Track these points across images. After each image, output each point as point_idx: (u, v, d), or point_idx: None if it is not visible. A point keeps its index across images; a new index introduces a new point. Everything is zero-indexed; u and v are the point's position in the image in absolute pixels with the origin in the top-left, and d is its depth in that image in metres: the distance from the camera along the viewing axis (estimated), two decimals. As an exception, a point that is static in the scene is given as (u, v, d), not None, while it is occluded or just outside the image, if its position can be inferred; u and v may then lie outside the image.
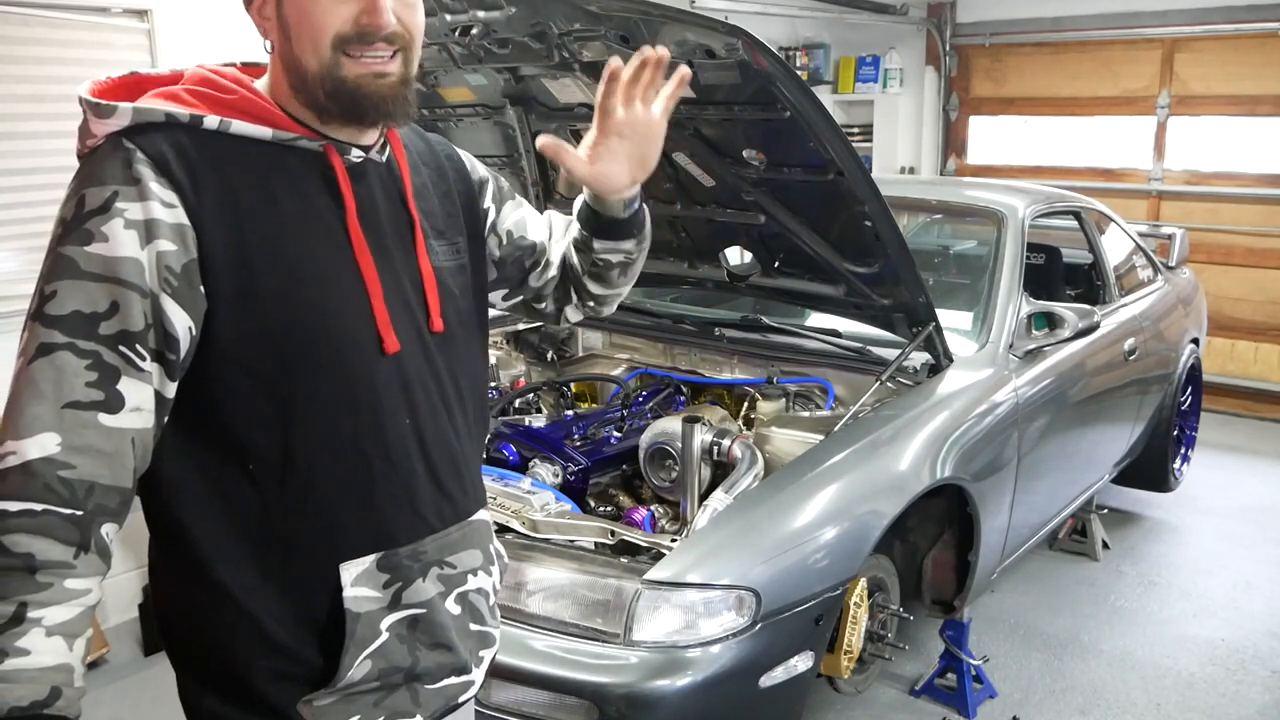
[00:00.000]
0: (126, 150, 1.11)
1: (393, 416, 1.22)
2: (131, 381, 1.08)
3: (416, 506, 1.25)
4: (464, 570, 1.32)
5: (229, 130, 1.14)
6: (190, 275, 1.10)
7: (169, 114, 1.12)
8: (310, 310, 1.16)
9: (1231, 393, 5.98)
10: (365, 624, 1.21)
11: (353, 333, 1.19)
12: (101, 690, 3.13)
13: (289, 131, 1.17)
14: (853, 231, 2.68)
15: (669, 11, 2.24)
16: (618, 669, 2.09)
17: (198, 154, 1.12)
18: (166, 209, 1.09)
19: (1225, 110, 5.97)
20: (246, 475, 1.16)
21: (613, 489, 2.77)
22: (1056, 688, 3.20)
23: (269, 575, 1.18)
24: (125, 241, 1.07)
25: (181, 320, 1.10)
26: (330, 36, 1.15)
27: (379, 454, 1.21)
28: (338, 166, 1.21)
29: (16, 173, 3.12)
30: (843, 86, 6.83)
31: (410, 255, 1.28)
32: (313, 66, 1.16)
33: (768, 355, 3.07)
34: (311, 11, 1.15)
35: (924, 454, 2.60)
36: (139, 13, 3.30)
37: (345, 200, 1.20)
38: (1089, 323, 3.07)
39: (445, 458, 1.29)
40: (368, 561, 1.21)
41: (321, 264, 1.18)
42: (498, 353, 3.45)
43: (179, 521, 1.17)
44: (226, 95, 1.16)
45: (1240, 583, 3.89)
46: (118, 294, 1.07)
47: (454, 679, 1.31)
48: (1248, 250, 5.96)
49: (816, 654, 2.34)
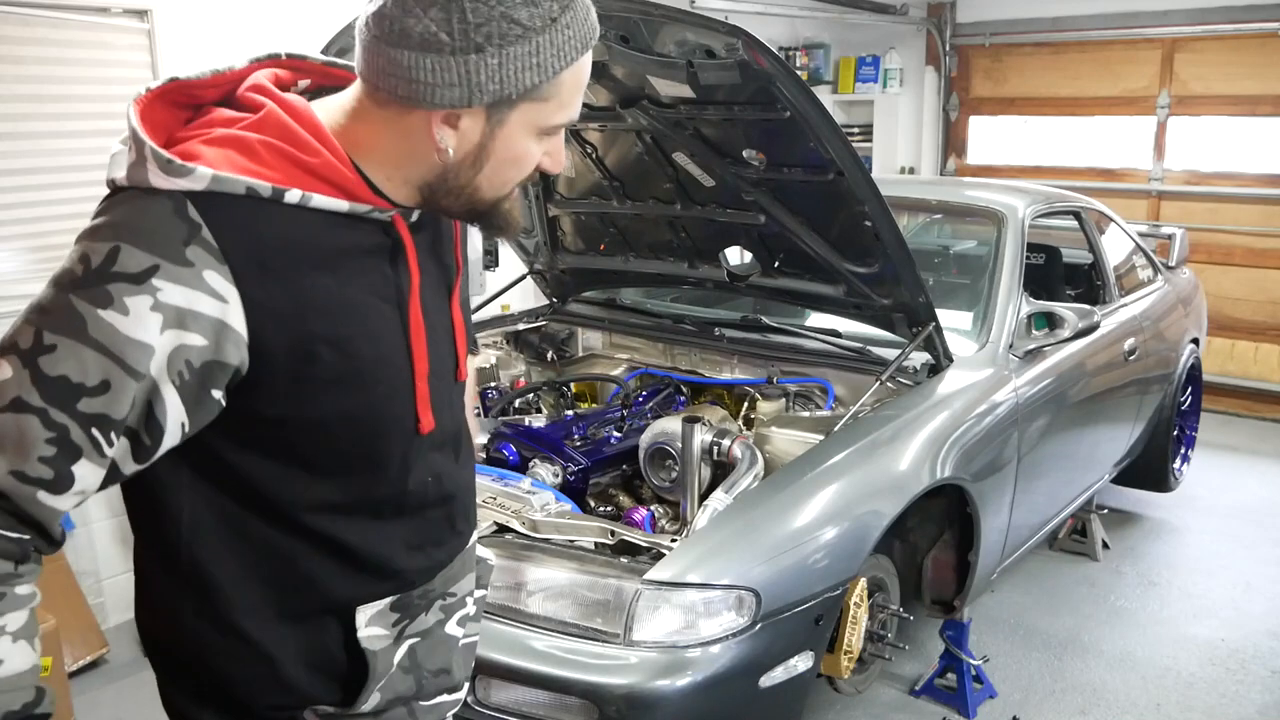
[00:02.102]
0: (191, 223, 0.99)
1: (419, 479, 1.22)
2: (88, 464, 1.01)
3: (431, 551, 1.27)
4: (462, 596, 1.35)
5: (308, 204, 1.05)
6: (207, 375, 1.03)
7: (251, 188, 1.02)
8: (358, 399, 1.13)
9: (1231, 393, 5.98)
10: (382, 660, 1.23)
11: (395, 419, 1.17)
12: (101, 690, 3.13)
13: (364, 205, 1.09)
14: (853, 231, 2.68)
15: (669, 11, 2.24)
16: (618, 669, 2.09)
17: (270, 234, 1.03)
18: (214, 302, 1.00)
19: (1225, 110, 5.97)
20: (271, 522, 1.15)
21: (613, 489, 2.77)
22: (1056, 688, 3.20)
23: (285, 617, 1.18)
24: (146, 324, 0.98)
25: (175, 414, 1.03)
26: (524, 179, 1.13)
27: (403, 511, 1.22)
28: (407, 241, 1.14)
29: (16, 173, 3.12)
30: (843, 86, 6.83)
31: (446, 303, 1.25)
32: (488, 196, 1.12)
33: (768, 355, 3.07)
34: (525, 161, 1.11)
35: (924, 454, 2.60)
36: (139, 13, 3.30)
37: (413, 277, 1.15)
38: (1089, 323, 3.07)
39: (459, 498, 1.30)
40: (383, 604, 1.22)
41: (378, 349, 1.13)
42: (498, 353, 3.45)
43: (197, 561, 1.14)
44: (310, 158, 1.06)
45: (1240, 583, 3.89)
46: (113, 374, 0.98)
47: (448, 696, 1.35)
48: (1248, 250, 5.96)
49: (816, 654, 2.34)
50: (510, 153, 1.09)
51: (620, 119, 2.76)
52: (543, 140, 1.11)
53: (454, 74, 1.01)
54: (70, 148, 3.19)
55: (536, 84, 1.04)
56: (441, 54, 1.00)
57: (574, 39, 1.05)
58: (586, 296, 3.70)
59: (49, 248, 3.19)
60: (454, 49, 1.00)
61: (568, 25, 1.04)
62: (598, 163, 3.08)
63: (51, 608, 2.97)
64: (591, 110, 2.81)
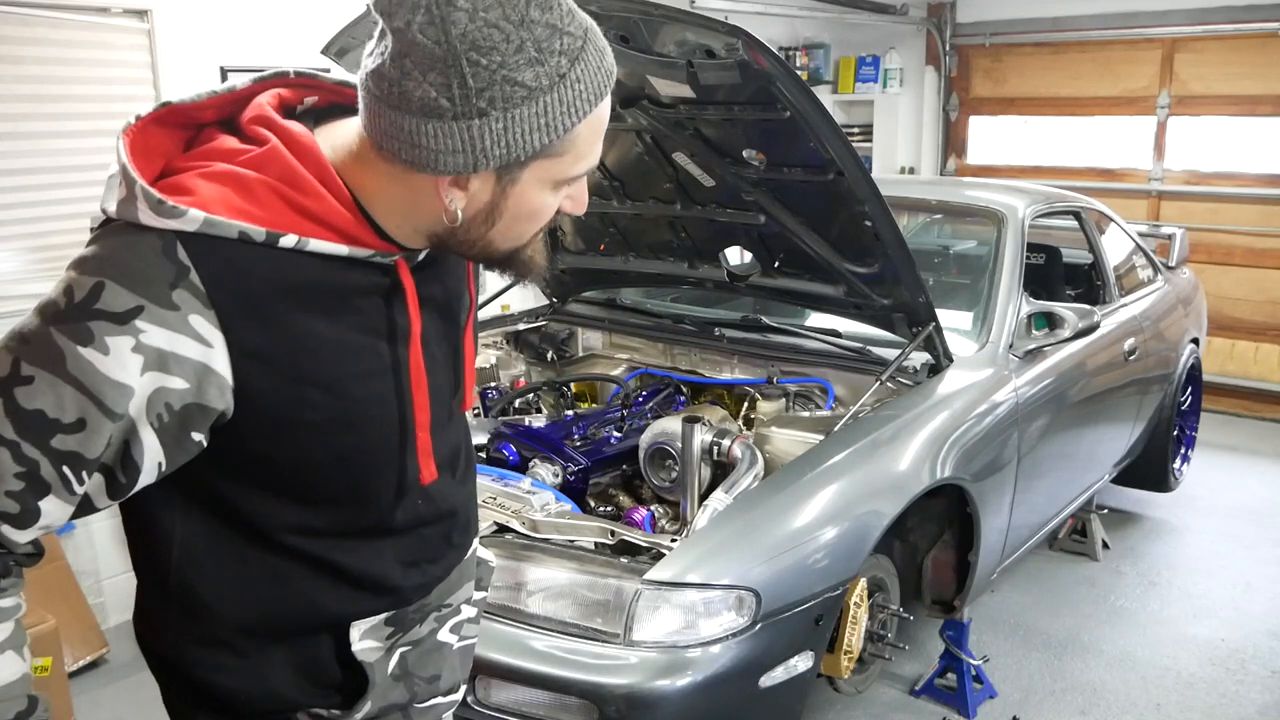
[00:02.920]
0: (179, 265, 0.96)
1: (417, 515, 1.21)
2: (55, 501, 0.99)
3: (427, 568, 1.26)
4: (458, 604, 1.34)
5: (305, 249, 1.01)
6: (187, 419, 1.00)
7: (244, 233, 0.98)
8: (350, 439, 1.09)
9: (1231, 393, 5.98)
10: (378, 671, 1.23)
11: (392, 470, 1.15)
12: (101, 690, 3.14)
13: (365, 249, 1.05)
14: (853, 231, 2.68)
15: (669, 11, 2.24)
16: (618, 669, 2.09)
17: (263, 278, 0.99)
18: (199, 346, 0.97)
19: (1225, 110, 5.97)
20: (263, 547, 1.13)
21: (613, 489, 2.77)
22: (1056, 688, 3.20)
23: (277, 634, 1.17)
24: (126, 365, 0.95)
25: (153, 455, 1.00)
26: (540, 228, 1.08)
27: (397, 532, 1.20)
28: (408, 285, 1.09)
29: (16, 173, 3.12)
30: (843, 86, 6.83)
31: (456, 333, 1.22)
32: (503, 248, 1.07)
33: (768, 355, 3.07)
34: (541, 214, 1.06)
35: (924, 454, 2.60)
36: (139, 13, 3.31)
37: (412, 323, 1.10)
38: (1089, 323, 3.07)
39: (457, 516, 1.29)
40: (377, 619, 1.22)
41: (371, 391, 1.09)
42: (498, 353, 3.45)
43: (187, 581, 1.13)
44: (311, 203, 1.01)
45: (1240, 583, 3.89)
46: (89, 413, 0.95)
47: (443, 699, 1.35)
48: (1248, 250, 5.96)
49: (816, 654, 2.34)
50: (525, 209, 1.05)
51: (620, 119, 2.76)
52: (560, 189, 1.06)
53: (457, 140, 0.96)
54: (70, 148, 3.19)
55: (547, 144, 0.98)
56: (444, 120, 0.95)
57: (586, 92, 0.98)
58: (586, 296, 3.70)
59: (49, 248, 3.19)
60: (456, 114, 0.94)
61: (578, 79, 0.97)
62: (598, 163, 3.07)
63: (51, 608, 2.96)
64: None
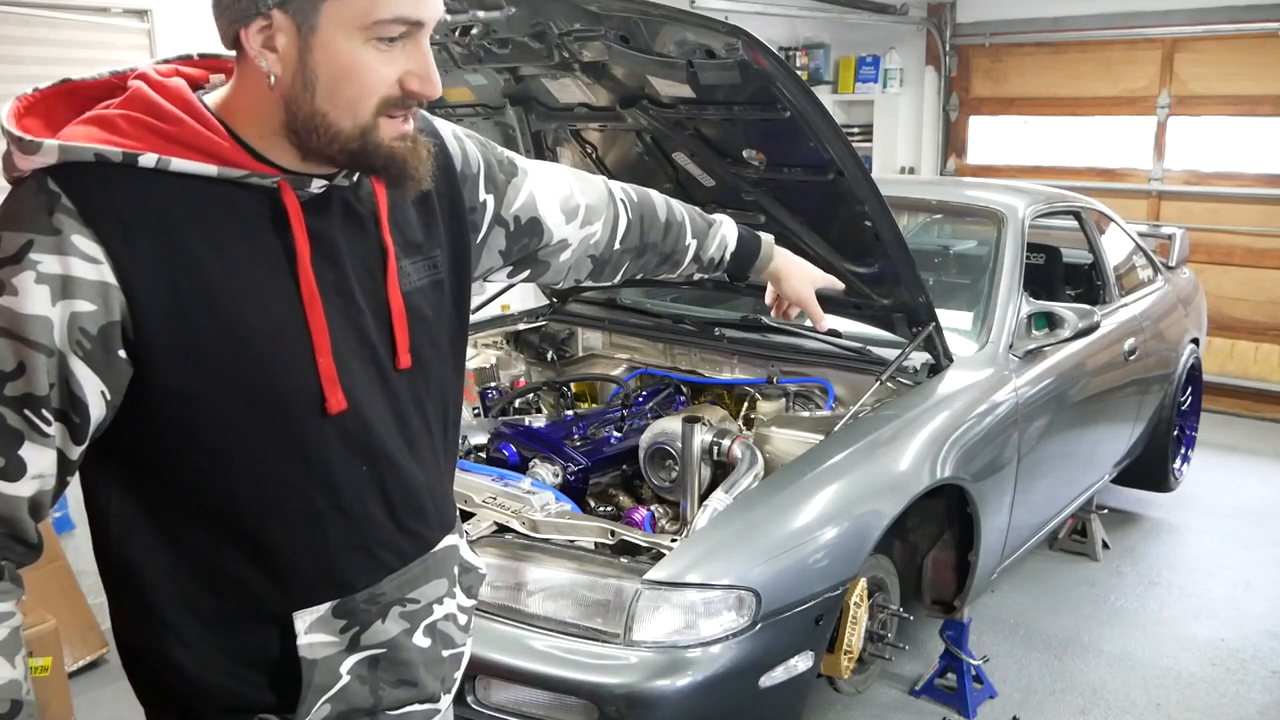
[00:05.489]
0: (50, 194, 1.00)
1: (346, 469, 1.15)
2: (35, 447, 1.02)
3: (374, 551, 1.20)
4: (428, 603, 1.27)
5: (168, 168, 1.03)
6: (108, 338, 1.02)
7: (99, 153, 1.01)
8: (251, 372, 1.08)
9: (1231, 393, 5.98)
10: (323, 669, 1.18)
11: (297, 393, 1.10)
12: (101, 690, 3.13)
13: (238, 169, 1.06)
14: (853, 231, 2.68)
15: (669, 11, 2.24)
16: (618, 669, 2.09)
17: (131, 197, 1.02)
18: (88, 264, 1.00)
19: (1225, 110, 5.98)
20: (196, 520, 1.12)
21: (613, 489, 2.77)
22: (1056, 688, 3.20)
23: (221, 619, 1.15)
24: (36, 297, 0.98)
25: (91, 384, 1.02)
26: (376, 101, 1.06)
27: (331, 505, 1.15)
28: (290, 206, 1.09)
29: (16, 173, 3.12)
30: (843, 86, 6.84)
31: (380, 288, 1.18)
32: (345, 126, 1.06)
33: (768, 355, 3.07)
34: (357, 72, 1.04)
35: (924, 454, 2.60)
36: (139, 13, 3.31)
37: (297, 245, 1.09)
38: (1089, 323, 3.07)
39: (407, 495, 1.22)
40: (323, 609, 1.17)
41: (266, 318, 1.08)
42: (498, 353, 3.45)
43: (128, 560, 1.13)
44: (168, 126, 1.04)
45: (1240, 583, 3.89)
46: (24, 354, 0.99)
47: (418, 706, 1.29)
48: (1248, 250, 5.97)
49: (816, 654, 2.34)
50: (337, 64, 1.03)
51: (620, 119, 2.76)
52: (382, 51, 1.04)
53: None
54: (70, 148, 3.19)
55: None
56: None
57: None
58: (586, 296, 3.70)
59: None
60: None
61: None
62: (598, 163, 3.08)
63: (51, 608, 2.97)
64: (591, 110, 2.81)
